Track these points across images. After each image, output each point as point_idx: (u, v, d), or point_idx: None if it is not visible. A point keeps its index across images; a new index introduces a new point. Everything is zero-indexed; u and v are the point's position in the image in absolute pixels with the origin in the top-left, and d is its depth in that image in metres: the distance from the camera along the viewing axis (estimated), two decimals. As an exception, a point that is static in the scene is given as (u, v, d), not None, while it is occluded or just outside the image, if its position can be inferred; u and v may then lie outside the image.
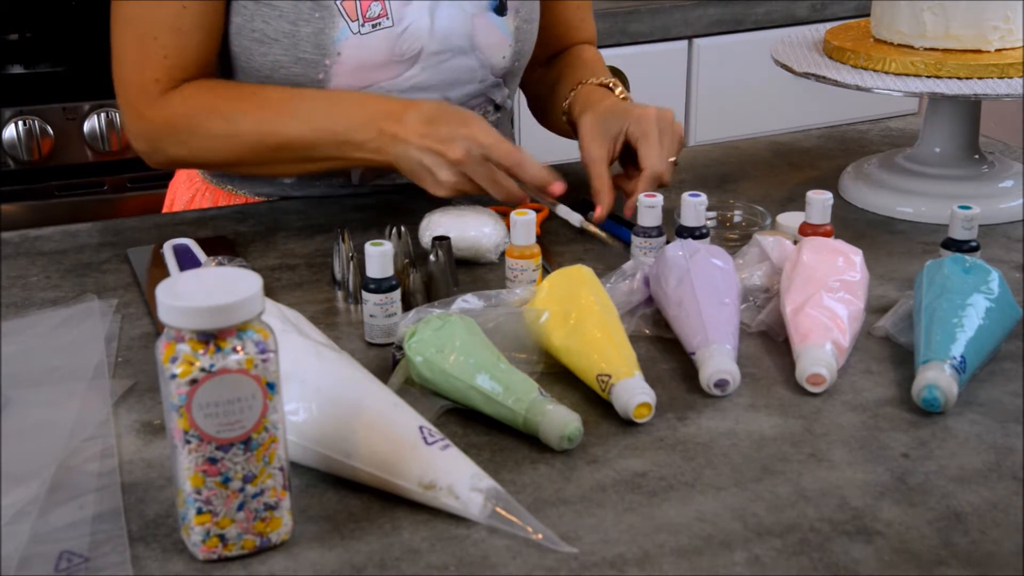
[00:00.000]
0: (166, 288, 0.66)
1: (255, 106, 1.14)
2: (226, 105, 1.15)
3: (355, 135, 1.11)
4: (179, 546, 0.70)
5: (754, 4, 2.33)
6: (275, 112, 1.14)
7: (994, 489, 0.75)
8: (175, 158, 1.20)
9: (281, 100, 1.15)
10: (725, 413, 0.84)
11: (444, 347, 0.83)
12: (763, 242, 1.02)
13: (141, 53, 1.15)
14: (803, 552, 0.69)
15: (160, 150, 1.19)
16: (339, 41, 1.15)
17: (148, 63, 1.15)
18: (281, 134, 1.13)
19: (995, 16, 1.18)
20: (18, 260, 1.13)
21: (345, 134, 1.11)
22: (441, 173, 1.08)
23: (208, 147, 1.16)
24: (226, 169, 1.24)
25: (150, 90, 1.16)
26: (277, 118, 1.14)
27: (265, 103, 1.15)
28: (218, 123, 1.14)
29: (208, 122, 1.15)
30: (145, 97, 1.16)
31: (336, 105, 1.14)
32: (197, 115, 1.15)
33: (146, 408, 0.86)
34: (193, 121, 1.15)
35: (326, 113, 1.13)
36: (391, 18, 1.17)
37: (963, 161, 1.24)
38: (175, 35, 1.14)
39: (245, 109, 1.14)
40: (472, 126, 1.08)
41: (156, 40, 1.15)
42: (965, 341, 0.86)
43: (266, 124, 1.14)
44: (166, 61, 1.15)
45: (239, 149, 1.15)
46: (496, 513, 0.72)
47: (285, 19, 1.15)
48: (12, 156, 1.91)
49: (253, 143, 1.14)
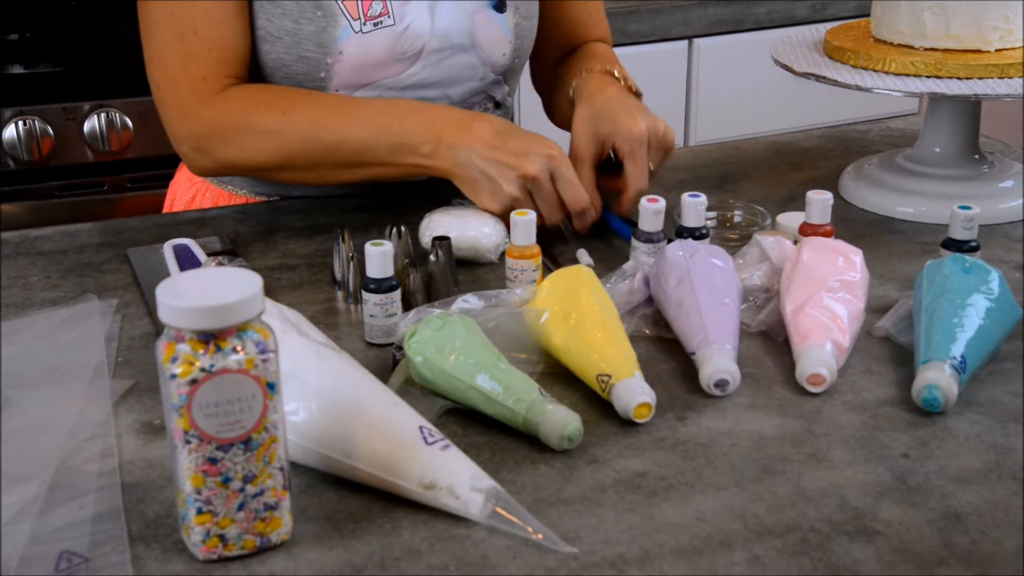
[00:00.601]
0: (166, 288, 0.66)
1: (312, 104, 1.13)
2: (282, 101, 1.14)
3: (412, 138, 1.10)
4: (179, 546, 0.70)
5: (754, 4, 2.33)
6: (332, 110, 1.13)
7: (994, 489, 0.75)
8: (222, 160, 1.17)
9: (339, 101, 1.14)
10: (725, 413, 0.84)
11: (444, 347, 0.83)
12: (763, 242, 1.02)
13: (184, 50, 1.14)
14: (803, 552, 0.69)
15: (207, 151, 1.16)
16: (341, 40, 1.15)
17: (194, 60, 1.14)
18: (336, 131, 1.12)
19: (995, 16, 1.18)
20: (18, 260, 1.13)
21: (402, 136, 1.10)
22: (508, 186, 1.07)
23: (260, 146, 1.13)
24: (274, 174, 1.20)
25: (200, 88, 1.14)
26: (334, 115, 1.12)
27: (322, 102, 1.14)
28: (273, 117, 1.13)
29: (263, 117, 1.13)
30: (196, 95, 1.15)
31: (396, 108, 1.13)
32: (251, 111, 1.14)
33: (146, 408, 0.86)
34: (247, 117, 1.13)
35: (385, 115, 1.12)
36: (392, 16, 1.17)
37: (963, 161, 1.24)
38: (216, 27, 1.13)
39: (301, 105, 1.13)
40: (548, 145, 1.08)
41: (196, 35, 1.14)
42: (965, 341, 0.86)
43: (322, 119, 1.12)
44: (211, 55, 1.14)
45: (292, 146, 1.13)
46: (496, 513, 0.72)
47: (288, 17, 1.15)
48: (12, 156, 1.91)
49: (307, 139, 1.12)
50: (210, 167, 1.19)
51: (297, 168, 1.16)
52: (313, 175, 1.17)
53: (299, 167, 1.15)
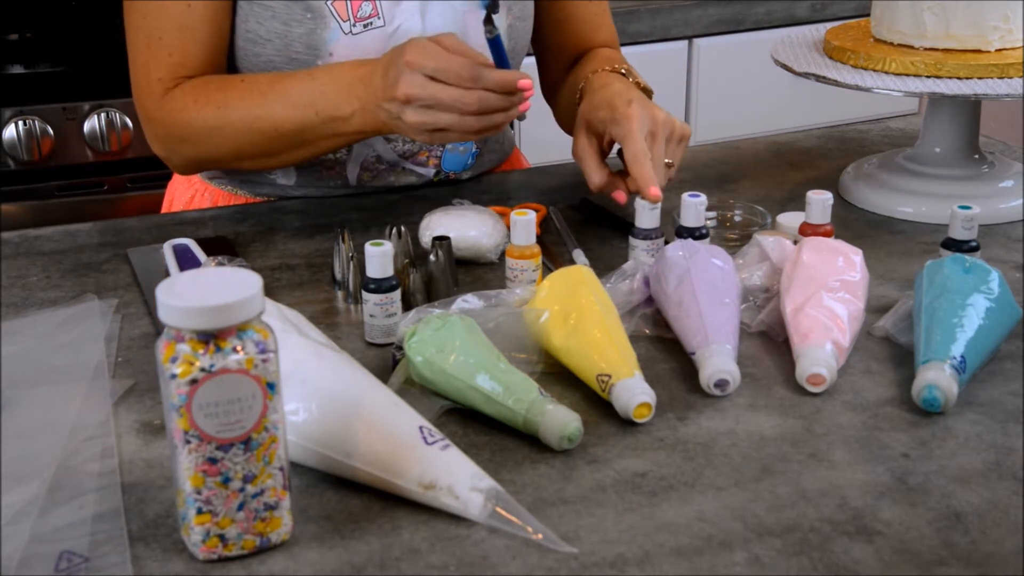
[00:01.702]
0: (166, 288, 0.66)
1: (244, 93, 1.13)
2: (217, 95, 1.14)
3: (338, 110, 1.09)
4: (179, 546, 0.70)
5: (754, 4, 2.33)
6: (261, 96, 1.12)
7: (994, 489, 0.75)
8: (189, 158, 1.19)
9: (269, 83, 1.13)
10: (725, 413, 0.84)
11: (444, 347, 0.83)
12: (763, 242, 1.02)
13: (148, 54, 1.16)
14: (803, 552, 0.69)
15: (175, 152, 1.18)
16: (331, 42, 1.15)
17: (154, 63, 1.15)
18: (269, 119, 1.12)
19: (995, 16, 1.18)
20: (18, 260, 1.13)
21: (330, 110, 1.10)
22: (406, 117, 1.04)
23: (208, 141, 1.15)
24: (235, 165, 1.21)
25: (154, 90, 1.16)
26: (264, 103, 1.12)
27: (253, 88, 1.13)
28: (210, 113, 1.13)
29: (201, 114, 1.14)
30: (151, 98, 1.16)
31: (316, 81, 1.11)
32: (191, 109, 1.14)
33: (146, 408, 0.86)
34: (188, 115, 1.14)
35: (309, 90, 1.11)
36: (382, 18, 1.17)
37: (963, 161, 1.24)
38: (180, 33, 1.14)
39: (234, 97, 1.13)
40: (408, 52, 1.03)
41: (161, 40, 1.15)
42: (965, 341, 0.86)
43: (254, 109, 1.12)
44: (170, 59, 1.15)
45: (236, 139, 1.14)
46: (496, 513, 0.72)
47: (278, 19, 1.15)
48: (12, 156, 1.91)
49: (245, 130, 1.13)
50: (183, 166, 1.21)
51: (252, 157, 1.17)
52: (272, 160, 1.18)
53: (252, 156, 1.16)
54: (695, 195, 1.06)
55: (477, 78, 1.02)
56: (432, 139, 1.06)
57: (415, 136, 1.06)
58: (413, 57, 1.02)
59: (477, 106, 1.03)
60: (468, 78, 1.02)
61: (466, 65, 1.02)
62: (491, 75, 1.03)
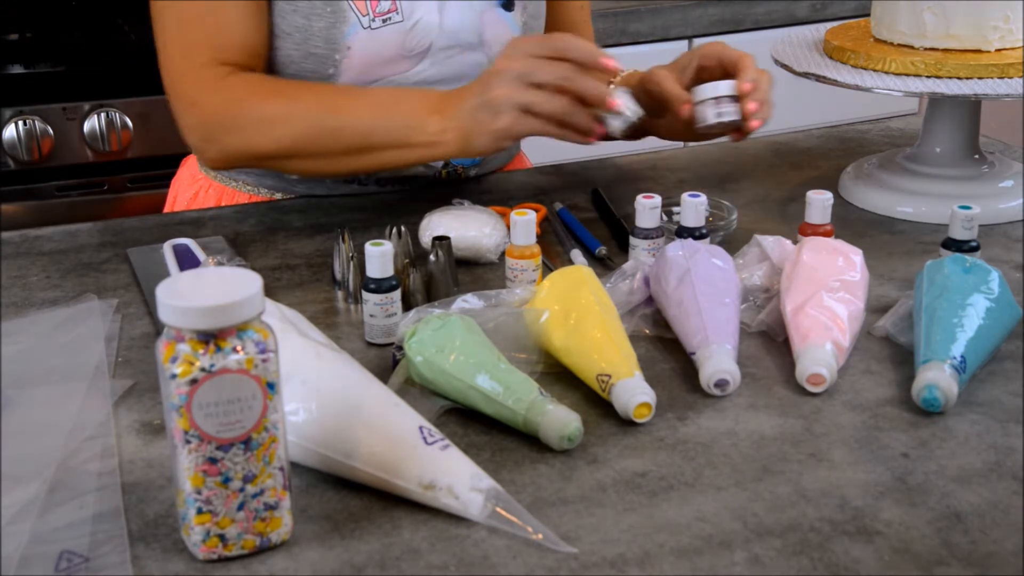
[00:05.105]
0: (166, 288, 0.66)
1: (317, 90, 1.14)
2: (287, 88, 1.14)
3: (414, 118, 1.08)
4: (179, 546, 0.70)
5: (754, 4, 2.33)
6: (336, 95, 1.13)
7: (994, 489, 0.75)
8: (230, 149, 1.16)
9: (345, 88, 1.15)
10: (725, 413, 0.84)
11: (444, 347, 0.83)
12: (763, 242, 1.02)
13: (185, 39, 1.15)
14: (803, 552, 0.69)
15: (215, 140, 1.15)
16: (349, 35, 1.16)
17: (194, 48, 1.14)
18: (341, 115, 1.11)
19: (995, 16, 1.18)
20: (18, 260, 1.13)
21: (406, 115, 1.09)
22: (498, 122, 1.03)
23: (265, 132, 1.12)
24: (283, 163, 1.18)
25: (202, 76, 1.14)
26: (338, 99, 1.12)
27: (326, 88, 1.14)
28: (278, 103, 1.12)
29: (267, 103, 1.13)
30: (199, 84, 1.15)
31: (399, 91, 1.13)
32: (256, 97, 1.14)
33: (146, 408, 0.86)
34: (251, 104, 1.13)
35: (390, 96, 1.12)
36: (401, 13, 1.17)
37: (963, 161, 1.24)
38: (213, 13, 1.14)
39: (307, 92, 1.13)
40: (502, 61, 1.03)
41: (193, 23, 1.14)
42: (965, 341, 0.86)
43: (326, 105, 1.12)
44: (209, 42, 1.14)
45: (297, 132, 1.11)
46: (496, 513, 0.72)
47: (299, 14, 1.15)
48: (12, 156, 1.91)
49: (312, 124, 1.11)
50: (219, 158, 1.18)
51: (305, 156, 1.14)
52: (323, 163, 1.15)
53: (306, 154, 1.14)
54: (695, 195, 1.06)
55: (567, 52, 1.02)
56: (515, 127, 1.03)
57: (496, 135, 1.04)
58: (502, 62, 1.03)
59: (585, 94, 1.02)
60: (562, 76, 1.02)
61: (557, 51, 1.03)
62: (577, 50, 1.03)
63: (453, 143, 1.07)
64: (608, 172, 1.37)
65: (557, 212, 1.20)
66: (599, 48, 1.05)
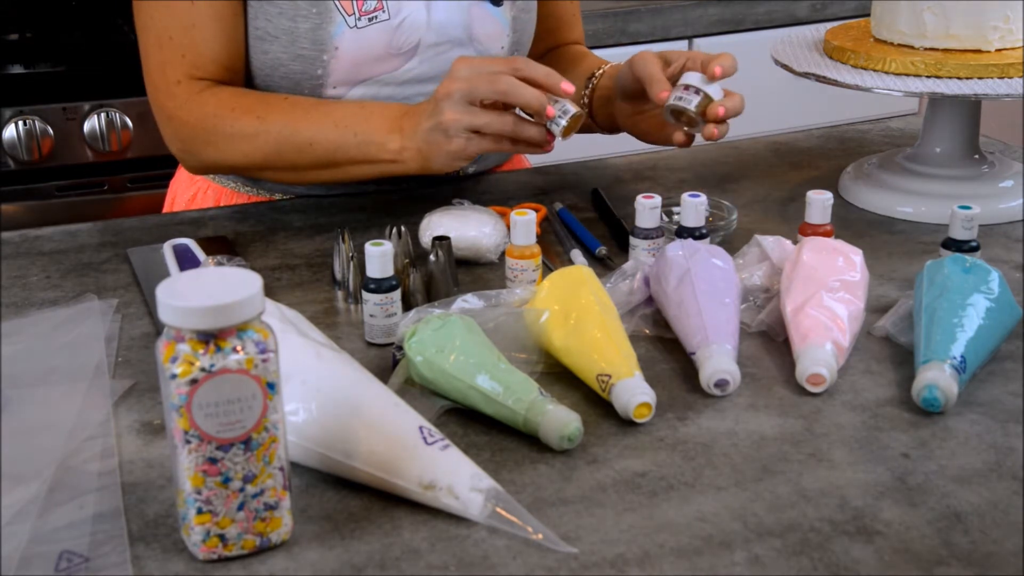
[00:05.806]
0: (166, 288, 0.66)
1: (287, 107, 1.15)
2: (258, 106, 1.15)
3: (379, 135, 1.11)
4: (179, 546, 0.70)
5: (754, 4, 2.33)
6: (304, 112, 1.14)
7: (994, 489, 0.75)
8: (207, 161, 1.20)
9: (313, 104, 1.16)
10: (725, 413, 0.84)
11: (444, 347, 0.83)
12: (763, 242, 1.02)
13: (162, 56, 1.17)
14: (803, 552, 0.69)
15: (193, 152, 1.19)
16: (336, 36, 1.16)
17: (169, 64, 1.17)
18: (307, 133, 1.13)
19: (995, 16, 1.18)
20: (18, 260, 1.13)
21: (369, 134, 1.11)
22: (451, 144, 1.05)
23: (237, 147, 1.15)
24: (255, 174, 1.23)
25: (175, 92, 1.17)
26: (305, 116, 1.14)
27: (296, 105, 1.15)
28: (248, 121, 1.14)
29: (238, 120, 1.15)
30: (173, 100, 1.17)
31: (364, 108, 1.14)
32: (228, 114, 1.15)
33: (146, 408, 0.86)
34: (223, 121, 1.15)
35: (354, 115, 1.13)
36: (387, 11, 1.17)
37: (963, 161, 1.24)
38: (188, 31, 1.15)
39: (276, 110, 1.15)
40: (446, 84, 1.05)
41: (172, 40, 1.16)
42: (965, 341, 0.86)
43: (294, 122, 1.14)
44: (184, 59, 1.16)
45: (267, 148, 1.14)
46: (496, 513, 0.72)
47: (285, 16, 1.15)
48: (12, 156, 1.91)
49: (280, 140, 1.14)
50: (198, 167, 1.22)
51: (276, 168, 1.18)
52: (293, 175, 1.19)
53: (276, 167, 1.17)
54: (695, 195, 1.06)
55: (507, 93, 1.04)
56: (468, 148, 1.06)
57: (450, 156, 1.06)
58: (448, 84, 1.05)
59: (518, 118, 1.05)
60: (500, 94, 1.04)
61: (498, 80, 1.04)
62: (523, 94, 1.04)
63: (412, 162, 1.10)
64: (608, 172, 1.37)
65: (557, 212, 1.20)
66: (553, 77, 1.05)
